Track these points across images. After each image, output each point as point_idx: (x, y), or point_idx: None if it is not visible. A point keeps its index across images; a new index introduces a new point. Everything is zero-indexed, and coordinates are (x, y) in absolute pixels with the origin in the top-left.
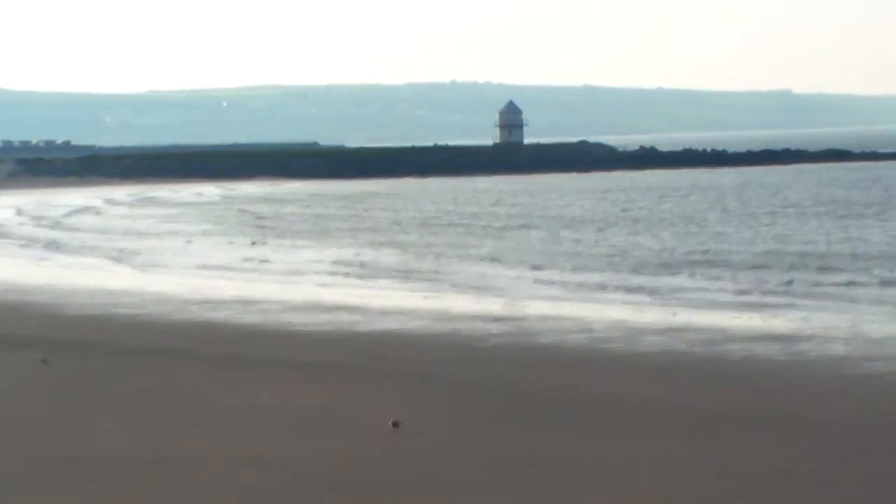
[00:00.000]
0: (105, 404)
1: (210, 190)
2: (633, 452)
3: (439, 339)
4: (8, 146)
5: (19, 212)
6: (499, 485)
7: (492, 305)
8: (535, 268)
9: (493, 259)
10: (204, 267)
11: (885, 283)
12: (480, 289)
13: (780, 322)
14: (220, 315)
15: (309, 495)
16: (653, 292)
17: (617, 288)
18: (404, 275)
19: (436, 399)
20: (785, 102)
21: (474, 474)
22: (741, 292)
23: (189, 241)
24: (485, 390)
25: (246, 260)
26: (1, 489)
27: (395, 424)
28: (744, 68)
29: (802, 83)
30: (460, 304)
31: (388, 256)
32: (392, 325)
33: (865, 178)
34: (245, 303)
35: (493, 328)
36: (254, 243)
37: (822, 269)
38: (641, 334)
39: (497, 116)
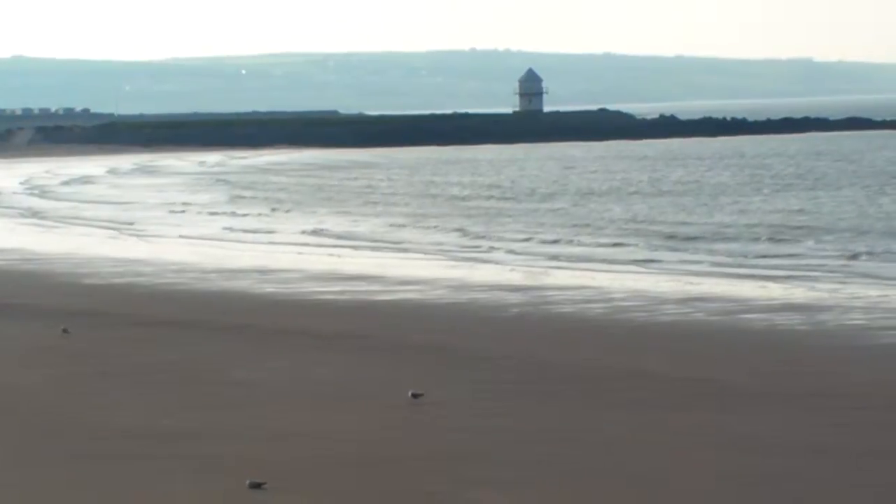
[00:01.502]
0: (125, 377)
1: (214, 159)
2: (654, 425)
3: (458, 309)
4: (27, 113)
5: (26, 181)
6: (519, 458)
7: (511, 275)
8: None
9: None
10: (185, 237)
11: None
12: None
13: (800, 292)
14: (239, 284)
15: (330, 468)
16: (672, 262)
17: (633, 260)
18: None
19: (455, 371)
20: (805, 70)
21: (495, 447)
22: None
23: (172, 212)
24: (505, 362)
25: (226, 229)
26: (18, 461)
27: (415, 396)
28: (764, 36)
29: (823, 51)
30: (479, 274)
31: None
32: (411, 295)
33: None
34: (263, 272)
35: (513, 298)
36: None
37: (851, 237)
38: (662, 304)
39: (517, 84)
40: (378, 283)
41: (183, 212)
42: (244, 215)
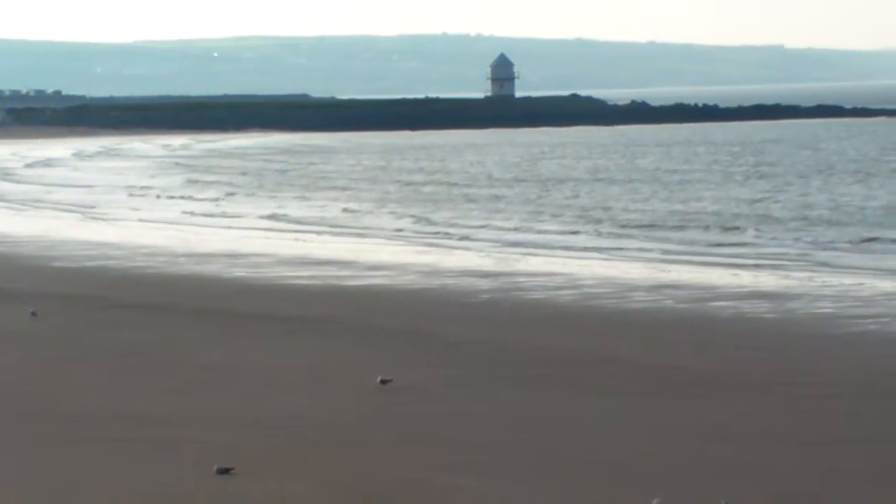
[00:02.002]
0: (94, 360)
1: (180, 142)
2: (624, 412)
3: (429, 294)
4: None
5: None
6: (489, 444)
7: (481, 261)
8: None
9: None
10: (144, 220)
11: (866, 241)
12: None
13: (769, 279)
14: (210, 269)
15: (297, 454)
16: (642, 249)
17: (599, 247)
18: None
19: (425, 356)
20: (777, 57)
21: (464, 433)
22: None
23: (132, 195)
24: (474, 348)
25: (186, 214)
26: None
27: (384, 381)
28: (736, 23)
29: (794, 38)
30: (449, 259)
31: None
32: (381, 280)
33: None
34: (233, 256)
35: (483, 284)
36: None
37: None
38: (631, 291)
39: (488, 69)
40: (349, 268)
41: (142, 195)
42: (202, 199)
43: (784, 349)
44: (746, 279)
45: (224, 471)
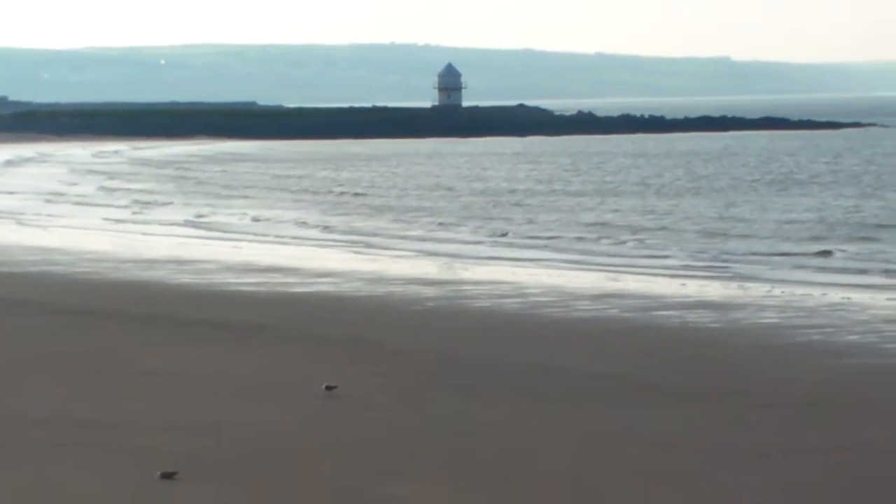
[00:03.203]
0: (37, 365)
1: (114, 148)
2: (567, 421)
3: (374, 302)
4: None
5: None
6: (432, 453)
7: (427, 269)
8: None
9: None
10: (65, 227)
11: (818, 253)
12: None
13: (714, 289)
14: (156, 275)
15: (241, 460)
16: (589, 257)
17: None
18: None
19: (370, 364)
20: (723, 69)
21: (408, 441)
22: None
23: (48, 202)
24: (419, 355)
25: (106, 220)
26: None
27: (329, 388)
28: (683, 35)
29: (741, 50)
30: (395, 267)
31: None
32: (326, 287)
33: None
34: (179, 262)
35: (429, 292)
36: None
37: (763, 238)
38: (577, 300)
39: (436, 79)
40: (294, 275)
41: (60, 202)
42: (118, 206)
43: (729, 359)
44: (692, 289)
45: (168, 475)
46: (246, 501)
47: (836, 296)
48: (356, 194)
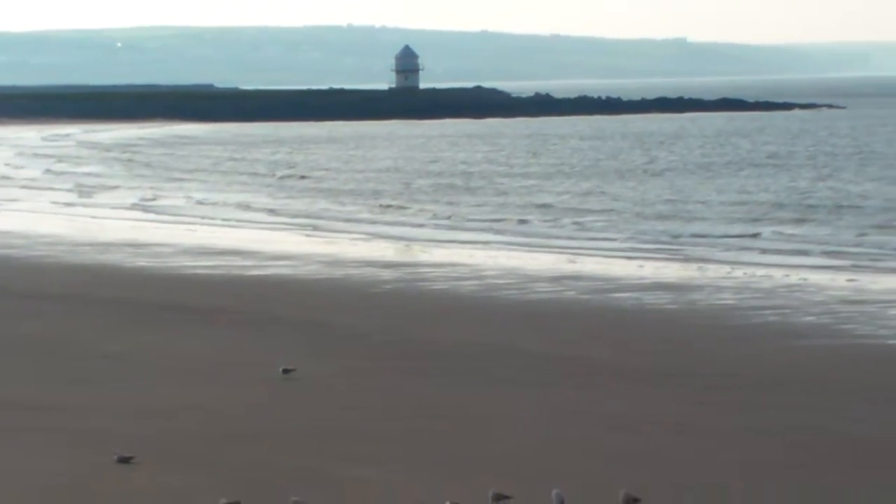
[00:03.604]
0: None
1: (67, 132)
2: (524, 402)
3: (332, 285)
4: None
5: None
6: (388, 434)
7: (384, 251)
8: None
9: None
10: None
11: (773, 235)
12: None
13: (671, 271)
14: (112, 258)
15: (199, 443)
16: (532, 239)
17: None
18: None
19: (327, 346)
20: (680, 50)
21: (364, 423)
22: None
23: None
24: (376, 338)
25: (54, 203)
26: None
27: (286, 371)
28: (639, 16)
29: (697, 32)
30: (353, 249)
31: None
32: (284, 270)
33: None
34: (135, 246)
35: (387, 275)
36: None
37: (720, 220)
38: (534, 282)
39: (393, 61)
40: (251, 258)
41: (5, 186)
42: (64, 190)
43: (686, 340)
44: (649, 270)
45: (124, 460)
46: (204, 485)
47: (793, 277)
48: (302, 177)
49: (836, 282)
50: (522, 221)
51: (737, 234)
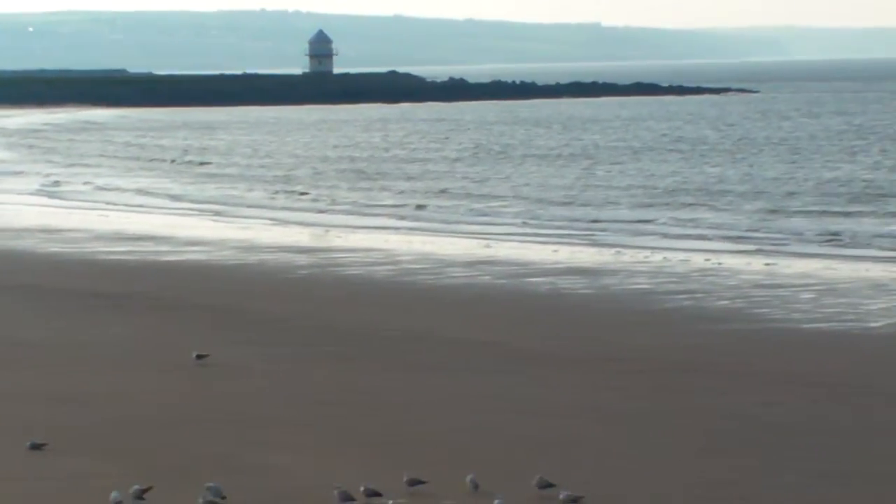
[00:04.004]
0: None
1: None
2: (442, 388)
3: (246, 270)
4: None
5: None
6: (302, 420)
7: (299, 236)
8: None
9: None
10: None
11: (683, 220)
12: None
13: (586, 255)
14: (24, 244)
15: (112, 430)
16: (418, 223)
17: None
18: None
19: (241, 332)
20: (593, 35)
21: (278, 409)
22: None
23: None
24: (291, 323)
25: None
26: None
27: (200, 356)
28: (553, 1)
29: (610, 16)
30: (267, 235)
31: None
32: (198, 255)
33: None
34: (48, 231)
35: (301, 260)
36: None
37: (623, 205)
38: (448, 267)
39: (307, 46)
40: (166, 243)
41: None
42: None
43: (600, 325)
44: (563, 255)
45: (37, 446)
46: (118, 472)
47: (707, 261)
48: (202, 163)
49: (750, 266)
50: (420, 207)
51: (637, 220)
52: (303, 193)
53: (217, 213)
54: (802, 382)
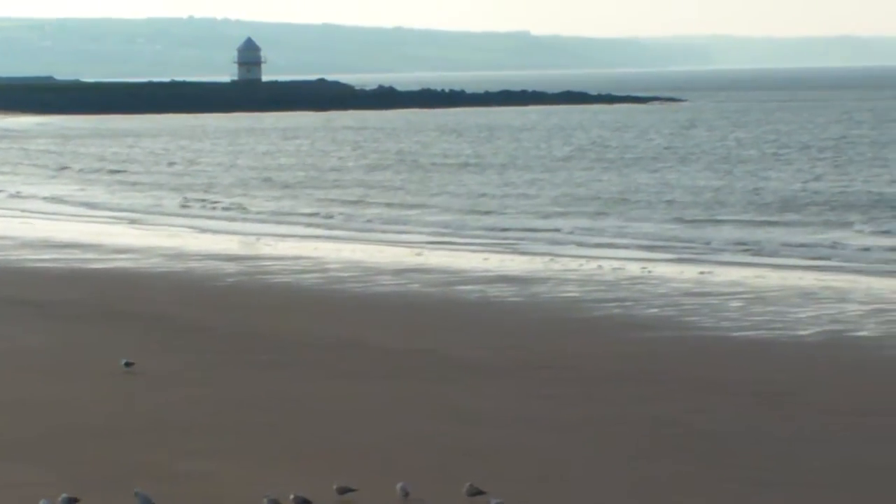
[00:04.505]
0: None
1: None
2: (371, 396)
3: (174, 278)
4: None
5: None
6: (235, 428)
7: (227, 244)
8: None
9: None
10: None
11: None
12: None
13: (515, 264)
14: None
15: (38, 438)
16: (392, 231)
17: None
18: None
19: (170, 340)
20: (523, 44)
21: (206, 417)
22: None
23: None
24: (219, 331)
25: None
26: None
27: (128, 364)
28: (482, 9)
29: (540, 25)
30: (195, 242)
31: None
32: (126, 263)
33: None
34: None
35: (229, 268)
36: None
37: (562, 215)
38: (377, 275)
39: (236, 53)
40: (93, 251)
41: None
42: None
43: (529, 333)
44: (494, 263)
45: None
46: (45, 481)
47: (637, 269)
48: (116, 171)
49: (681, 274)
50: (329, 216)
51: (552, 228)
52: (215, 203)
53: (134, 222)
54: (732, 390)
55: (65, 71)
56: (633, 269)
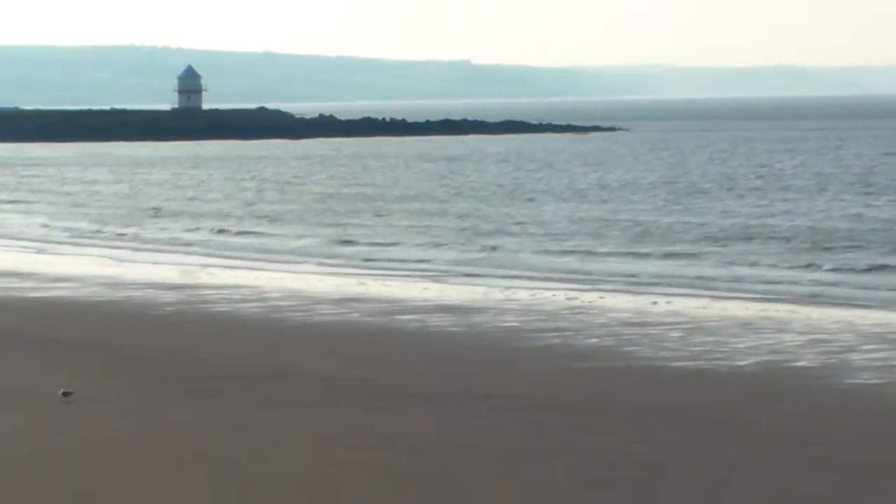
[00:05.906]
0: None
1: None
2: (306, 425)
3: (112, 307)
4: None
5: None
6: (168, 457)
7: (166, 273)
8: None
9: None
10: None
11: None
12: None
13: (455, 293)
14: None
15: None
16: (332, 261)
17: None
18: None
19: (108, 369)
20: (464, 72)
21: (144, 446)
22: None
23: None
24: (158, 360)
25: None
26: None
27: (66, 394)
28: (425, 38)
29: (480, 54)
30: (134, 271)
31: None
32: (64, 292)
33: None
34: None
35: (168, 297)
36: None
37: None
38: (317, 304)
39: (176, 81)
40: (30, 279)
41: None
42: None
43: (468, 362)
44: (433, 293)
45: None
46: None
47: (576, 299)
48: (12, 202)
49: (619, 304)
50: (219, 232)
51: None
52: (99, 231)
53: (39, 251)
54: (673, 420)
55: (4, 98)
56: (566, 299)
